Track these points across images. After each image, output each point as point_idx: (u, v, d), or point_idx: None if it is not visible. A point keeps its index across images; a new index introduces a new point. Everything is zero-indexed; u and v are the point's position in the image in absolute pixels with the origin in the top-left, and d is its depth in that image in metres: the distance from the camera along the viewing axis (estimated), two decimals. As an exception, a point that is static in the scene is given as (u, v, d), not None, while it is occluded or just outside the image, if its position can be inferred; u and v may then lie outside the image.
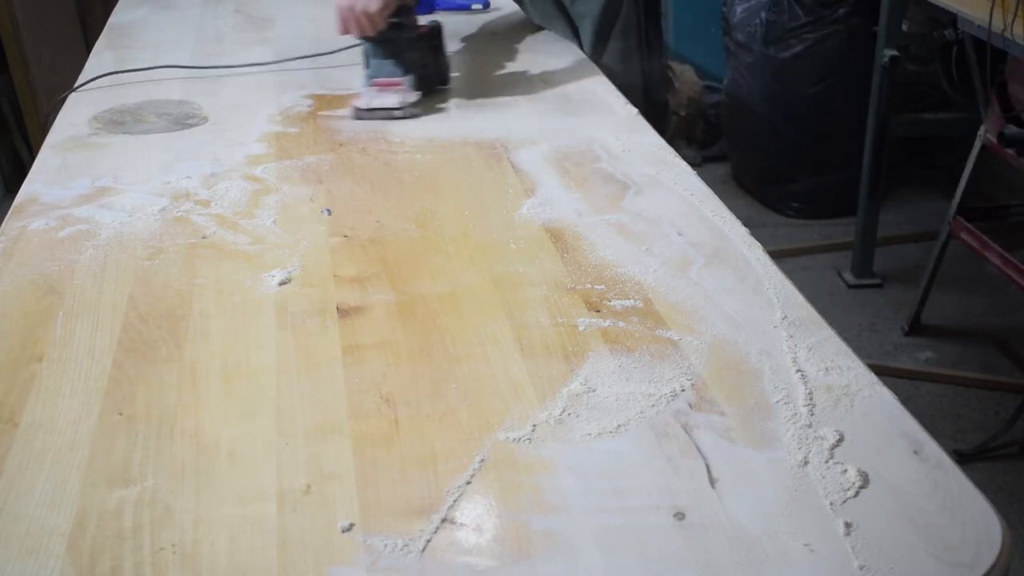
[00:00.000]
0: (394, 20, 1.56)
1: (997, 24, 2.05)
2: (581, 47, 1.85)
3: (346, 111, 1.56)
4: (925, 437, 0.82)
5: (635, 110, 1.55)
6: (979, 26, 2.13)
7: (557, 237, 1.17)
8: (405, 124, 1.53)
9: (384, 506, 0.77)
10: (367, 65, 1.61)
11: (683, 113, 3.56)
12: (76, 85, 1.55)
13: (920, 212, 3.26)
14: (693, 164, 1.48)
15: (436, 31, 1.66)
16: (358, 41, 1.61)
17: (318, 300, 1.06)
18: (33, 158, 1.47)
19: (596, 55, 1.82)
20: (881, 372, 1.01)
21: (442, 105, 1.61)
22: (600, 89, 1.66)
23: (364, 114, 1.55)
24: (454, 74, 1.73)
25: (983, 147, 2.39)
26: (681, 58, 3.74)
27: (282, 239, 1.19)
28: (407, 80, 1.58)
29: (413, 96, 1.57)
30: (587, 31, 1.84)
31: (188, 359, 0.96)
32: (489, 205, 1.26)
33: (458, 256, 1.14)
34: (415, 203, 1.27)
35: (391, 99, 1.55)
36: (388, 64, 1.59)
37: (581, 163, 1.37)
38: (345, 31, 1.56)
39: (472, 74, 1.75)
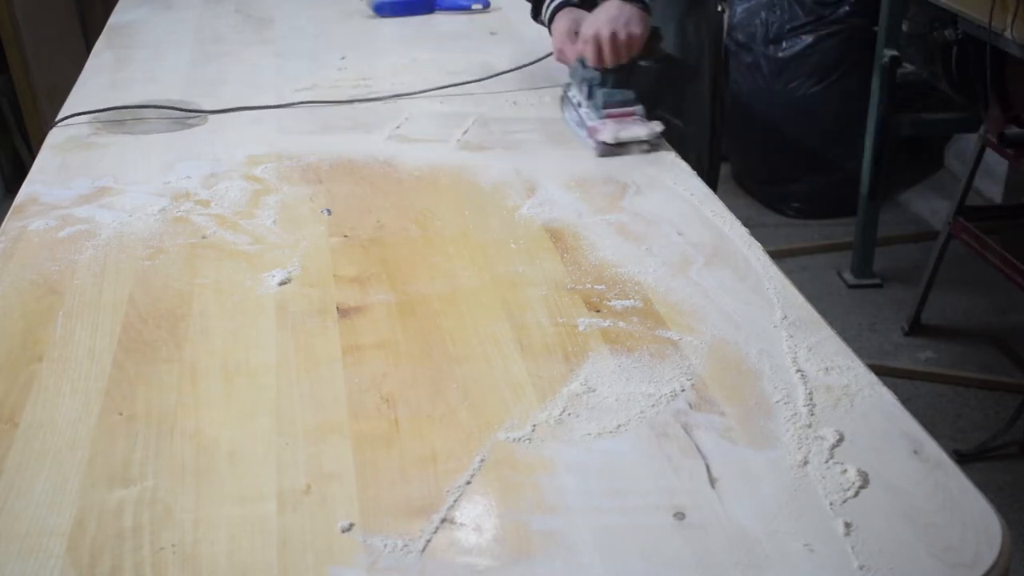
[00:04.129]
0: None
1: (997, 24, 2.05)
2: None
3: (592, 146, 1.39)
4: (925, 437, 0.82)
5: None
6: (979, 26, 2.13)
7: (557, 237, 1.17)
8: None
9: (384, 506, 0.77)
10: (589, 95, 1.44)
11: (683, 113, 3.55)
12: (56, 120, 1.52)
13: (920, 212, 3.26)
14: (693, 164, 1.47)
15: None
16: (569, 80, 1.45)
17: (318, 300, 1.06)
18: (33, 158, 1.47)
19: (662, 106, 1.57)
20: (881, 372, 1.00)
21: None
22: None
23: (611, 149, 1.38)
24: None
25: (983, 147, 2.39)
26: (681, 58, 3.73)
27: (282, 239, 1.19)
28: (639, 108, 1.42)
29: (658, 125, 1.40)
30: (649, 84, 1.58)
31: (188, 359, 0.96)
32: (489, 205, 1.26)
33: (458, 256, 1.14)
34: (415, 203, 1.27)
35: (640, 130, 1.38)
36: (618, 93, 1.42)
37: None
38: (597, 62, 1.40)
39: (471, 75, 1.75)
